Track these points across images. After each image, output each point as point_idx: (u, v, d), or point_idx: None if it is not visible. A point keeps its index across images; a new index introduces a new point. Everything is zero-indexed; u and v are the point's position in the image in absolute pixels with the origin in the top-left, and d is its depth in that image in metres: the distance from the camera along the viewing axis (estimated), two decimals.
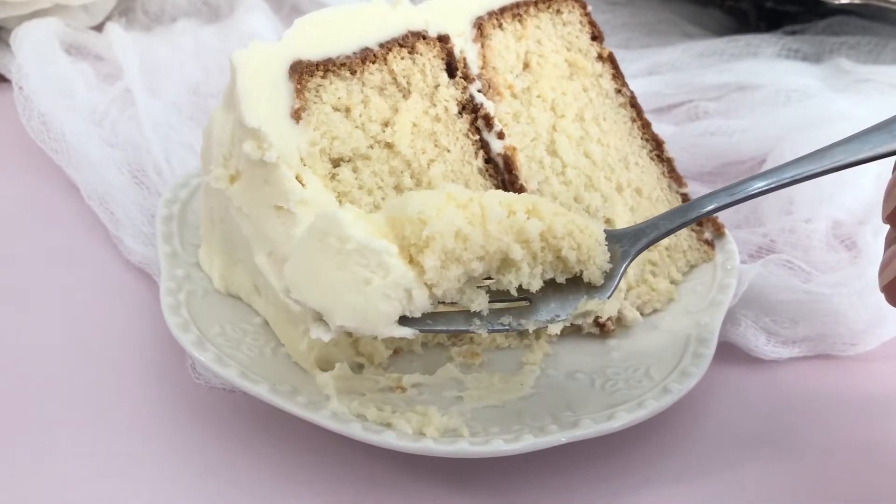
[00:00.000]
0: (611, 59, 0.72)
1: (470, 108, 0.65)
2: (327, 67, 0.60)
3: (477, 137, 0.65)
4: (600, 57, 0.71)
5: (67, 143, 0.80)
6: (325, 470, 0.57)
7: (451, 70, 0.65)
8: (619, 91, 0.72)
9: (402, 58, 0.63)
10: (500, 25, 0.68)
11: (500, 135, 0.65)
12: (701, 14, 1.06)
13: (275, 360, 0.60)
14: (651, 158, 0.71)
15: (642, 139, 0.72)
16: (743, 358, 0.65)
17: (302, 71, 0.59)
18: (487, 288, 0.53)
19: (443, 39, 0.65)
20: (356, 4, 0.63)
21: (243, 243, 0.61)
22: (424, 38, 0.64)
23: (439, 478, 0.57)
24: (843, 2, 0.93)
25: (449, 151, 0.63)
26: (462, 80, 0.65)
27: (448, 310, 0.53)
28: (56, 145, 0.80)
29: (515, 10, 0.69)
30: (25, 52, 0.87)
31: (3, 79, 0.92)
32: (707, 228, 0.71)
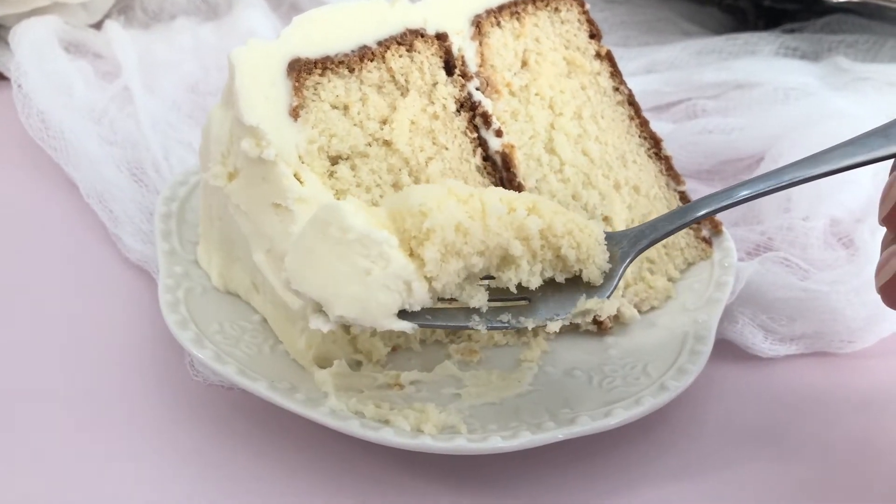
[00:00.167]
0: (609, 58, 0.72)
1: (468, 106, 0.65)
2: (326, 65, 0.60)
3: (475, 135, 0.65)
4: (598, 55, 0.72)
5: (66, 141, 0.80)
6: (324, 467, 0.57)
7: (450, 68, 0.65)
8: (617, 89, 0.72)
9: (401, 56, 0.63)
10: (499, 23, 0.68)
11: (499, 133, 0.65)
12: (699, 12, 1.06)
13: (273, 358, 0.60)
14: (649, 156, 0.72)
15: (640, 137, 0.72)
16: (740, 355, 0.66)
17: (300, 69, 0.59)
18: (487, 286, 0.54)
19: (441, 37, 0.65)
20: (355, 2, 0.63)
21: (242, 241, 0.61)
22: (423, 36, 0.64)
23: (437, 474, 0.57)
24: (842, 0, 0.93)
25: (447, 149, 0.63)
26: (460, 78, 0.65)
27: (447, 306, 0.53)
28: (55, 143, 0.80)
29: (514, 9, 0.69)
30: (24, 50, 0.87)
31: (2, 76, 0.92)
32: (705, 226, 0.71)
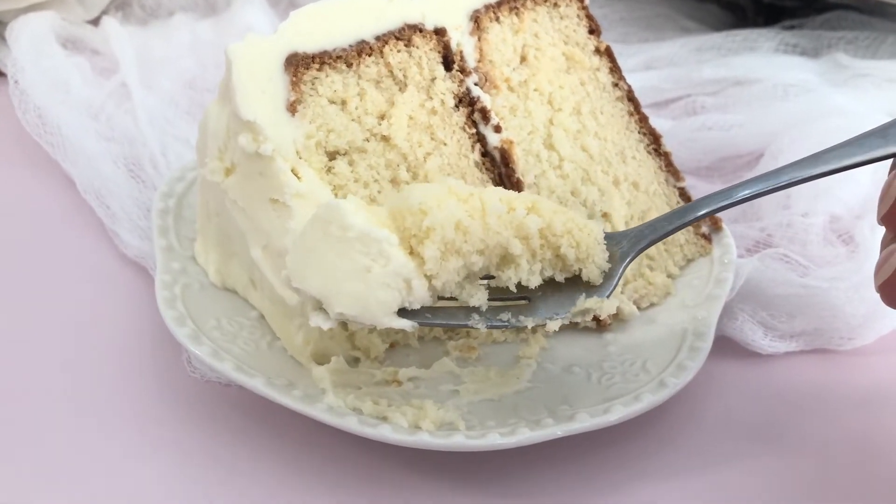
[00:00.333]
0: (608, 53, 0.72)
1: (466, 102, 0.65)
2: (323, 60, 0.60)
3: (473, 131, 0.65)
4: (597, 50, 0.71)
5: (63, 137, 0.80)
6: (321, 463, 0.57)
7: (448, 63, 0.65)
8: (617, 85, 0.71)
9: (399, 51, 0.63)
10: (497, 19, 0.68)
11: (497, 128, 0.64)
12: (699, 9, 1.06)
13: (271, 354, 0.60)
14: (648, 152, 0.71)
15: (640, 133, 0.71)
16: (740, 352, 0.65)
17: (298, 64, 0.59)
18: (487, 286, 0.53)
19: (439, 32, 0.65)
20: None
21: (239, 237, 0.61)
22: (421, 31, 0.64)
23: (435, 471, 0.57)
24: None
25: (445, 145, 0.63)
26: (459, 74, 0.65)
27: (447, 305, 0.53)
28: (52, 139, 0.80)
29: (513, 4, 0.68)
30: (21, 46, 0.87)
31: None
32: (704, 223, 0.71)
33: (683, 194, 0.72)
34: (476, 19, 0.66)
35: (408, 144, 0.62)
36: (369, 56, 0.62)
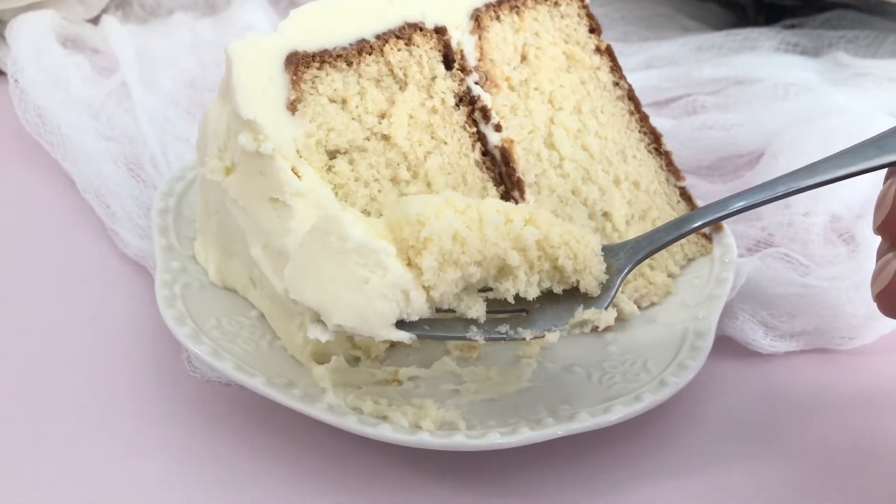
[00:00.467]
0: (609, 52, 0.72)
1: (467, 101, 0.65)
2: (323, 59, 0.60)
3: (474, 130, 0.64)
4: (598, 49, 0.71)
5: (63, 136, 0.80)
6: (321, 463, 0.57)
7: (448, 62, 0.65)
8: (617, 84, 0.71)
9: (399, 49, 0.63)
10: (498, 17, 0.68)
11: (498, 127, 0.64)
12: (699, 8, 1.06)
13: (271, 353, 0.60)
14: (649, 151, 0.71)
15: (640, 132, 0.71)
16: (740, 351, 0.65)
17: (298, 62, 0.59)
18: (485, 298, 0.53)
19: (440, 31, 0.65)
20: None
21: (239, 236, 0.61)
22: (421, 30, 0.64)
23: (436, 471, 0.57)
24: None
25: (446, 144, 0.63)
26: (459, 72, 0.65)
27: (445, 317, 0.53)
28: (52, 138, 0.80)
29: (513, 2, 0.68)
30: (21, 45, 0.87)
31: None
32: None
33: (684, 193, 0.72)
34: (476, 18, 0.66)
35: (408, 143, 0.62)
36: (370, 55, 0.62)
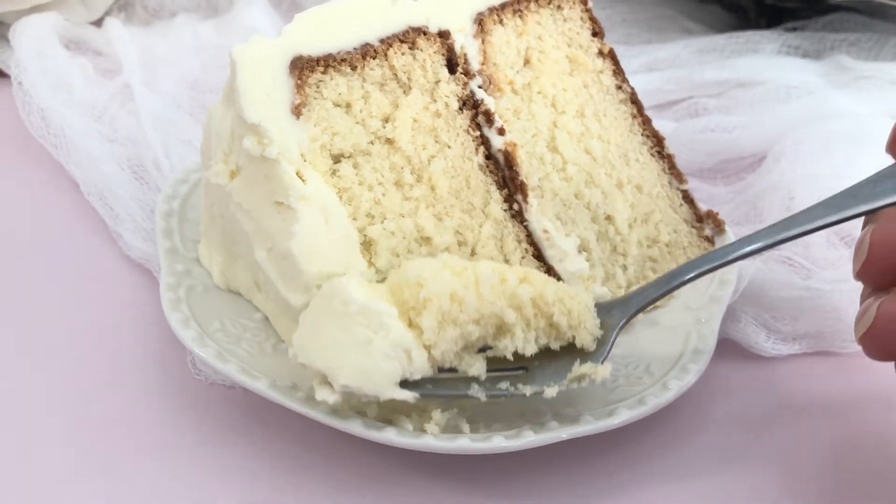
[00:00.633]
0: (611, 56, 0.72)
1: (470, 104, 0.65)
2: (328, 63, 0.60)
3: (477, 133, 0.65)
4: (601, 53, 0.71)
5: (67, 139, 0.80)
6: (325, 466, 0.57)
7: (452, 66, 0.65)
8: (620, 87, 0.72)
9: (403, 53, 0.63)
10: (501, 21, 0.68)
11: (501, 131, 0.65)
12: (701, 10, 1.06)
13: (275, 356, 0.60)
14: (651, 155, 0.71)
15: (643, 136, 0.72)
16: (743, 354, 0.65)
17: (302, 66, 0.59)
18: (485, 357, 0.55)
19: (443, 35, 0.65)
20: (357, 0, 0.63)
21: (243, 239, 0.61)
22: (425, 34, 0.64)
23: (440, 474, 0.57)
24: None
25: (449, 147, 0.63)
26: (462, 76, 0.65)
27: (448, 377, 0.55)
28: (55, 140, 0.80)
29: (516, 6, 0.68)
30: (25, 47, 0.87)
31: (3, 74, 0.91)
32: (707, 225, 0.71)
33: (686, 197, 0.72)
34: (480, 22, 0.66)
35: (412, 147, 0.62)
36: (374, 59, 0.62)
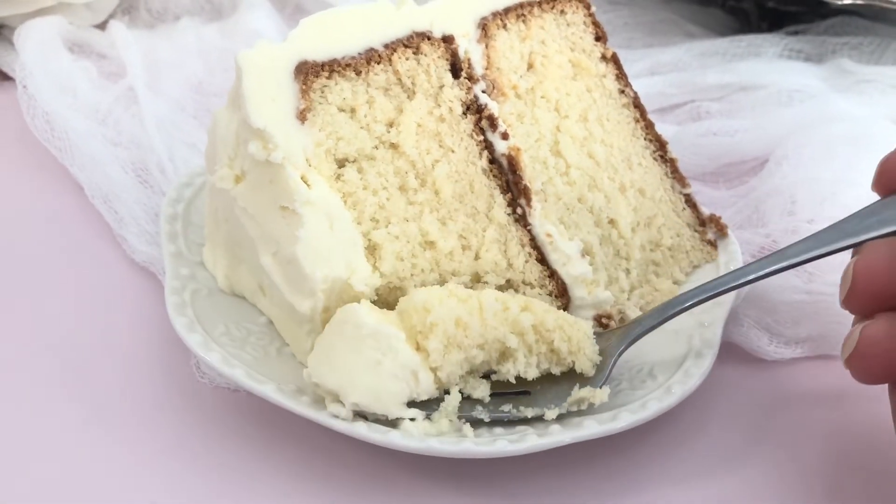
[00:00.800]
0: (614, 60, 0.72)
1: (474, 109, 0.65)
2: (333, 68, 0.60)
3: (481, 138, 0.65)
4: (604, 57, 0.72)
5: (71, 142, 0.80)
6: (330, 469, 0.57)
7: (456, 70, 0.65)
8: (623, 91, 0.72)
9: (407, 58, 0.63)
10: (505, 26, 0.68)
11: (505, 135, 0.65)
12: (703, 14, 1.06)
13: (279, 360, 0.60)
14: (654, 159, 0.72)
15: (646, 140, 0.72)
16: (745, 358, 0.66)
17: (307, 71, 0.59)
18: (490, 381, 0.58)
19: (447, 40, 0.65)
20: (361, 5, 0.63)
21: (248, 243, 0.61)
22: (429, 39, 0.64)
23: (444, 478, 0.57)
24: (846, 2, 0.93)
25: (453, 152, 0.63)
26: (466, 81, 0.65)
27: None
28: (60, 144, 0.80)
29: (520, 11, 0.69)
30: (29, 50, 0.87)
31: (7, 77, 0.92)
32: (710, 229, 0.71)
33: (689, 200, 0.72)
34: (484, 27, 0.67)
35: (416, 152, 0.62)
36: (378, 64, 0.62)
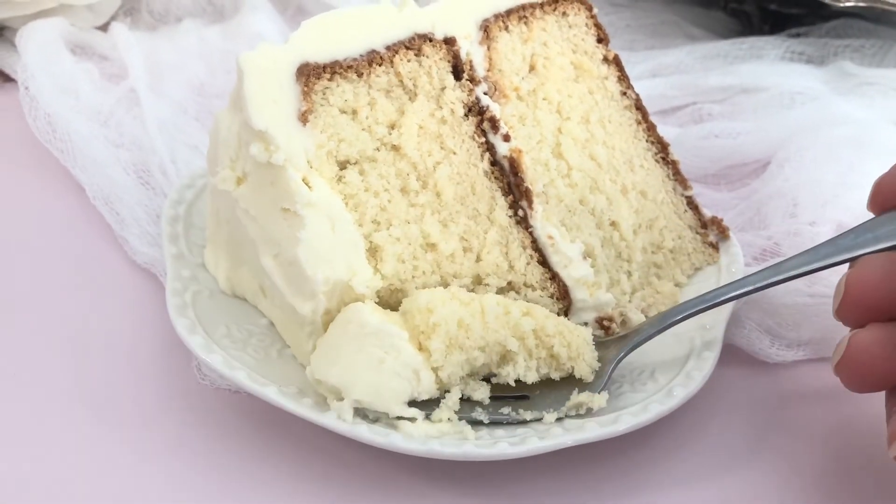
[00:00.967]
0: (616, 62, 0.72)
1: (476, 111, 0.65)
2: (334, 70, 0.60)
3: (483, 140, 0.65)
4: (606, 59, 0.72)
5: (73, 143, 0.80)
6: (332, 471, 0.57)
7: (458, 72, 0.65)
8: (625, 93, 0.72)
9: (409, 60, 0.63)
10: (507, 28, 0.68)
11: (506, 137, 0.65)
12: (705, 16, 1.07)
13: (280, 362, 0.60)
14: (656, 161, 0.72)
15: (647, 141, 0.72)
16: (747, 360, 0.66)
17: (309, 73, 0.59)
18: (490, 384, 0.58)
19: (449, 42, 0.65)
20: (363, 6, 0.63)
21: (249, 245, 0.61)
22: (431, 41, 0.64)
23: (446, 480, 0.57)
24: (848, 4, 0.93)
25: (455, 154, 0.63)
26: (468, 83, 0.65)
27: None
28: (62, 145, 0.80)
29: (521, 13, 0.69)
30: (31, 52, 0.87)
31: (9, 78, 0.92)
32: (712, 231, 0.71)
33: (691, 203, 0.72)
34: (485, 28, 0.67)
35: (418, 154, 0.62)
36: (380, 65, 0.62)
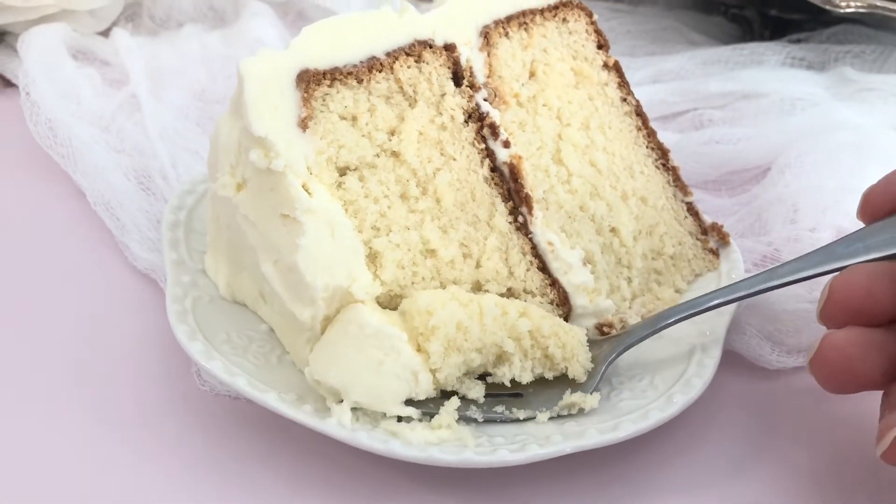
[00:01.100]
0: (616, 68, 0.72)
1: (476, 117, 0.65)
2: (334, 76, 0.60)
3: (483, 146, 0.65)
4: (606, 65, 0.72)
5: (74, 149, 0.80)
6: (330, 476, 0.57)
7: (458, 79, 0.65)
8: (625, 100, 0.72)
9: (409, 66, 0.63)
10: (507, 34, 0.68)
11: (506, 143, 0.65)
12: (705, 22, 1.07)
13: (280, 368, 0.60)
14: (656, 167, 0.72)
15: (648, 148, 0.72)
16: (747, 367, 0.65)
17: (309, 80, 0.59)
18: (485, 383, 0.59)
19: (449, 48, 0.65)
20: (363, 12, 0.63)
21: (250, 251, 0.61)
22: (431, 47, 0.64)
23: (445, 487, 0.57)
24: (848, 10, 0.93)
25: (455, 160, 0.63)
26: (468, 89, 0.65)
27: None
28: (63, 150, 0.80)
29: (522, 19, 0.69)
30: (32, 58, 0.87)
31: (10, 84, 0.92)
32: (712, 237, 0.71)
33: (691, 209, 0.72)
34: (486, 35, 0.67)
35: (417, 160, 0.62)
36: (380, 72, 0.62)
